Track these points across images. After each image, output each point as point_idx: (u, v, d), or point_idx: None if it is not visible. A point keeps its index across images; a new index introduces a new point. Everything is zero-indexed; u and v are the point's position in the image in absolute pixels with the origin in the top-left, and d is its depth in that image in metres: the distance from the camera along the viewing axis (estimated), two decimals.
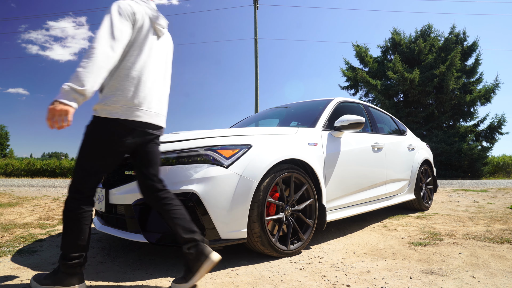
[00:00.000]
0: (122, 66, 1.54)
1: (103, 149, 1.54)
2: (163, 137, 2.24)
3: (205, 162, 1.97)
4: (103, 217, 2.39)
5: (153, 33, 1.64)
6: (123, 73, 1.54)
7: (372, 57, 17.42)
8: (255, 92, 15.29)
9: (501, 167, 16.06)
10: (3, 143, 44.56)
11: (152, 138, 1.68)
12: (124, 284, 1.70)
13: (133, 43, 1.56)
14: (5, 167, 16.09)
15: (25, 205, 4.54)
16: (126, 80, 1.54)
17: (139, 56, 1.57)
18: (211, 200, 1.88)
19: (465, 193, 6.17)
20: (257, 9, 15.95)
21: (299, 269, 1.93)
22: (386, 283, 1.70)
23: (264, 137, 2.29)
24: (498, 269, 1.90)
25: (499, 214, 3.78)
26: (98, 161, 1.55)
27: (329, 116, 2.94)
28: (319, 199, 2.45)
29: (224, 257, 2.17)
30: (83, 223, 1.53)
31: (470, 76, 15.80)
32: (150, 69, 1.62)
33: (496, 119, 15.09)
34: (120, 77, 1.54)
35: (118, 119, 1.52)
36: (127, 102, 1.53)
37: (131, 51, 1.56)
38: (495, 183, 9.74)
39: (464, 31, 16.14)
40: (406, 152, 3.91)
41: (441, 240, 2.59)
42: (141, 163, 1.68)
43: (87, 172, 1.54)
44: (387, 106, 14.99)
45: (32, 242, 2.60)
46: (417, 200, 4.02)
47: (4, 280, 1.73)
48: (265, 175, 2.08)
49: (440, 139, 14.26)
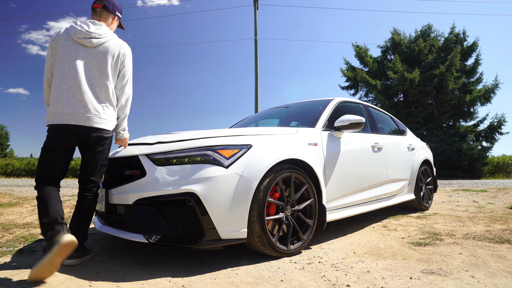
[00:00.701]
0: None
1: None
2: (163, 137, 2.25)
3: (205, 162, 1.97)
4: (103, 217, 2.40)
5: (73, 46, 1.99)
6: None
7: (372, 57, 17.42)
8: (255, 92, 15.29)
9: (501, 167, 16.05)
10: (3, 143, 44.56)
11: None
12: (124, 284, 1.70)
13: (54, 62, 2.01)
14: (5, 167, 16.09)
15: (25, 205, 4.54)
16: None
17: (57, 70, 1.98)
18: (211, 200, 1.88)
19: (465, 193, 6.17)
20: (257, 9, 15.96)
21: (299, 269, 1.93)
22: (386, 283, 1.70)
23: (264, 137, 2.29)
24: (498, 269, 1.90)
25: (499, 214, 3.78)
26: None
27: (329, 116, 2.94)
28: (319, 199, 2.45)
29: (224, 257, 2.17)
30: None
31: (470, 76, 15.80)
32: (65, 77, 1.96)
33: (496, 119, 15.10)
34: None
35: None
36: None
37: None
38: (495, 183, 9.74)
39: (464, 31, 16.15)
40: (406, 152, 3.91)
41: (441, 240, 2.59)
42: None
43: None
44: (387, 106, 14.99)
45: (32, 242, 2.60)
46: (417, 200, 4.02)
47: (4, 280, 1.73)
48: (265, 175, 2.08)
49: (440, 139, 14.27)
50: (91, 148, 2.02)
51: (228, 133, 2.21)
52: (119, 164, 2.26)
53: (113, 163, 2.33)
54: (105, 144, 2.07)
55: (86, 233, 2.07)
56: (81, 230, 2.03)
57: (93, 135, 1.98)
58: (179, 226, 1.93)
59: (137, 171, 2.08)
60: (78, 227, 2.02)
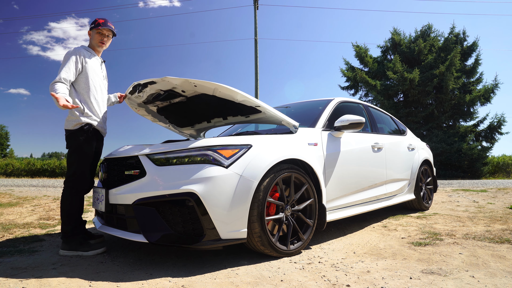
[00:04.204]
0: None
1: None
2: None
3: (205, 162, 1.97)
4: (103, 217, 2.40)
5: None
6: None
7: (372, 57, 17.42)
8: (255, 92, 15.29)
9: (501, 167, 16.05)
10: (3, 143, 44.51)
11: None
12: (124, 284, 1.70)
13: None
14: (5, 167, 16.08)
15: (25, 205, 4.54)
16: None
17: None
18: (211, 200, 1.88)
19: (465, 193, 6.17)
20: (257, 9, 15.96)
21: (299, 269, 1.93)
22: (386, 283, 1.70)
23: (264, 137, 2.29)
24: (498, 269, 1.90)
25: (499, 214, 3.78)
26: None
27: (329, 116, 2.94)
28: (319, 199, 2.45)
29: (224, 257, 2.17)
30: None
31: (470, 76, 15.80)
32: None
33: (496, 119, 15.10)
34: None
35: None
36: None
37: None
38: (495, 183, 9.74)
39: (464, 31, 16.14)
40: (406, 152, 3.91)
41: (441, 240, 2.59)
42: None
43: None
44: (387, 106, 14.99)
45: (32, 242, 2.60)
46: (417, 200, 4.02)
47: (4, 280, 1.73)
48: (265, 175, 2.08)
49: (440, 139, 14.26)
50: None
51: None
52: (119, 164, 2.26)
53: (113, 163, 2.33)
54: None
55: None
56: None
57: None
58: (179, 226, 1.93)
59: (137, 171, 2.08)
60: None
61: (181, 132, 3.39)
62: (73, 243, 2.24)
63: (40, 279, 1.75)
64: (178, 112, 3.01)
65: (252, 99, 2.38)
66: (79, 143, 2.30)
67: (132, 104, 2.91)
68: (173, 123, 3.25)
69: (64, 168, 15.75)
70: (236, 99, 2.41)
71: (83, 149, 2.31)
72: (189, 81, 2.33)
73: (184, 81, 2.34)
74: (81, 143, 2.30)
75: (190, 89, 2.47)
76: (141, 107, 2.95)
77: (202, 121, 3.19)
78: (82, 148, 2.31)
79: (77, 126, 2.30)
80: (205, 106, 2.81)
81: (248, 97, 2.37)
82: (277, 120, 2.64)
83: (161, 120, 3.17)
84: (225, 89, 2.33)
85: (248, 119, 2.85)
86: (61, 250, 2.26)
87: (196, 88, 2.43)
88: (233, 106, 2.66)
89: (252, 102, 2.42)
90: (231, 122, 3.13)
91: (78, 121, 2.30)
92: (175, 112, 3.02)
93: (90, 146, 2.35)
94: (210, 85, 2.33)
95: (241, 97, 2.37)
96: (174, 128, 3.31)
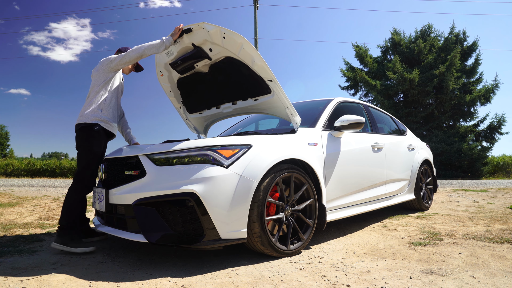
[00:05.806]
0: None
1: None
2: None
3: (205, 162, 1.97)
4: (103, 217, 2.40)
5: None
6: None
7: (372, 57, 17.42)
8: None
9: (501, 167, 16.06)
10: (3, 143, 44.50)
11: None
12: (124, 284, 1.70)
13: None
14: (5, 167, 16.08)
15: (25, 205, 4.54)
16: None
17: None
18: (211, 200, 1.88)
19: (465, 193, 6.17)
20: (257, 9, 15.96)
21: (299, 269, 1.93)
22: (386, 283, 1.70)
23: (264, 137, 2.29)
24: (498, 269, 1.90)
25: (499, 214, 3.78)
26: None
27: (329, 116, 2.94)
28: (319, 199, 2.45)
29: (224, 257, 2.17)
30: None
31: (470, 76, 15.80)
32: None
33: (496, 119, 15.10)
34: None
35: None
36: None
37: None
38: (495, 183, 9.74)
39: (464, 31, 16.15)
40: (406, 152, 3.91)
41: (441, 240, 2.59)
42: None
43: None
44: (387, 106, 14.99)
45: (32, 242, 2.60)
46: (417, 200, 4.02)
47: (4, 280, 1.73)
48: (265, 175, 2.08)
49: (440, 139, 14.27)
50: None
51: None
52: (119, 164, 2.26)
53: (113, 163, 2.33)
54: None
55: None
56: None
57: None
58: (179, 226, 1.93)
59: (137, 171, 2.08)
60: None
61: (187, 120, 3.34)
62: (65, 237, 2.26)
63: (40, 279, 1.75)
64: (194, 90, 3.01)
65: (268, 68, 2.43)
66: (91, 136, 2.39)
67: (159, 63, 2.88)
68: (185, 104, 3.24)
69: (64, 168, 15.77)
70: (255, 61, 2.42)
71: (93, 145, 2.39)
72: (221, 30, 2.36)
73: (216, 29, 2.36)
74: (92, 139, 2.38)
75: (219, 42, 2.45)
76: (166, 71, 2.91)
77: (211, 106, 3.14)
78: (92, 144, 2.38)
79: (94, 120, 2.40)
80: (220, 84, 2.84)
81: (266, 65, 2.41)
82: (283, 105, 2.60)
83: (176, 97, 3.15)
84: (250, 47, 2.37)
85: (257, 102, 2.78)
86: (53, 242, 2.28)
87: (224, 43, 2.43)
88: (245, 82, 2.67)
89: (267, 71, 2.45)
90: (238, 109, 3.05)
91: (95, 116, 2.41)
92: (191, 90, 3.03)
93: (100, 144, 2.43)
94: (238, 38, 2.36)
95: (260, 60, 2.40)
96: (183, 112, 3.28)
